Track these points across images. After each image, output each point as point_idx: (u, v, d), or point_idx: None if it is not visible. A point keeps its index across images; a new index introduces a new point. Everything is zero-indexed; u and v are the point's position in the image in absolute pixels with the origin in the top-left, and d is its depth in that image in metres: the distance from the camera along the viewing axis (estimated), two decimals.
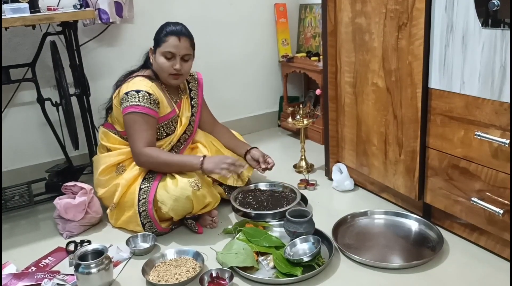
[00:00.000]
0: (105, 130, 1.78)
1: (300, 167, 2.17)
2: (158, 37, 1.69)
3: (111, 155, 1.72)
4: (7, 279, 1.42)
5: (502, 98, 1.26)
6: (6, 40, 2.04)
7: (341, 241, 1.54)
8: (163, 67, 1.68)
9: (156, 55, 1.69)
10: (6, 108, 2.13)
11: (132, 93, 1.63)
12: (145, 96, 1.63)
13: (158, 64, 1.69)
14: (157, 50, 1.68)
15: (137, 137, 1.62)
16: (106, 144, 1.76)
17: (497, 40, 1.23)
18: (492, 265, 1.39)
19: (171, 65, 1.67)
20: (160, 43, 1.67)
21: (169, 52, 1.66)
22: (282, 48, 2.78)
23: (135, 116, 1.62)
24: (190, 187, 1.55)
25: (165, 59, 1.67)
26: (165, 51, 1.66)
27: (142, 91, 1.63)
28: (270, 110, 2.89)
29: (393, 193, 1.79)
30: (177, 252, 1.51)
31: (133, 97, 1.62)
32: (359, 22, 1.69)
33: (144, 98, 1.62)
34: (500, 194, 1.32)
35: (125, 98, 1.63)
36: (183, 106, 1.81)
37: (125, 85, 1.67)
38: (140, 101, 1.62)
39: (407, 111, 1.57)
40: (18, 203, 1.91)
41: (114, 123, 1.76)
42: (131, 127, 1.63)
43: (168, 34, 1.66)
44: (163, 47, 1.66)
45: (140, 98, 1.62)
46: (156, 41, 1.69)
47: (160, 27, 1.70)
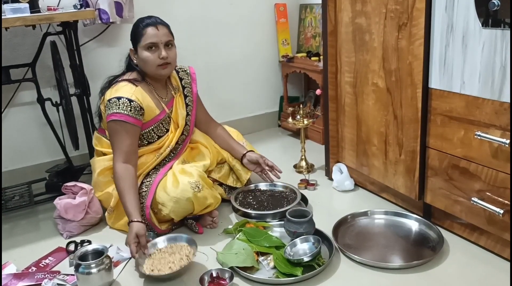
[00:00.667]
0: (98, 136, 1.78)
1: (300, 167, 2.18)
2: (135, 35, 1.65)
3: (105, 159, 1.72)
4: (8, 279, 1.42)
5: (502, 98, 1.26)
6: (6, 40, 2.04)
7: (341, 241, 1.54)
8: (149, 61, 1.63)
9: (138, 53, 1.65)
10: (7, 108, 2.13)
11: (113, 100, 1.60)
12: (125, 103, 1.59)
13: (143, 60, 1.64)
14: (138, 47, 1.64)
15: (115, 149, 1.60)
16: (100, 149, 1.76)
17: (497, 40, 1.23)
18: (492, 265, 1.39)
19: (156, 55, 1.63)
20: (138, 39, 1.63)
21: (150, 43, 1.62)
22: (282, 48, 2.78)
23: (115, 125, 1.60)
24: (191, 189, 1.54)
25: (149, 52, 1.63)
26: (146, 44, 1.62)
27: (123, 98, 1.60)
28: (270, 110, 2.89)
29: (393, 193, 1.79)
30: (168, 239, 1.51)
31: (114, 105, 1.59)
32: (359, 22, 1.69)
33: (124, 105, 1.59)
34: (500, 194, 1.32)
35: (108, 105, 1.62)
36: (175, 105, 1.76)
37: (109, 91, 1.65)
38: (120, 109, 1.59)
39: (407, 111, 1.57)
40: (18, 203, 1.91)
41: (104, 127, 1.75)
42: (112, 136, 1.62)
43: (144, 27, 1.62)
44: (143, 41, 1.62)
45: (120, 106, 1.59)
46: (134, 39, 1.65)
47: (134, 25, 1.67)
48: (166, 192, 1.57)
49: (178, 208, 1.56)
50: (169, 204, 1.56)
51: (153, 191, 1.60)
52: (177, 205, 1.55)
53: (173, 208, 1.56)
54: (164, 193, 1.57)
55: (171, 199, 1.55)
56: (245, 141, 1.99)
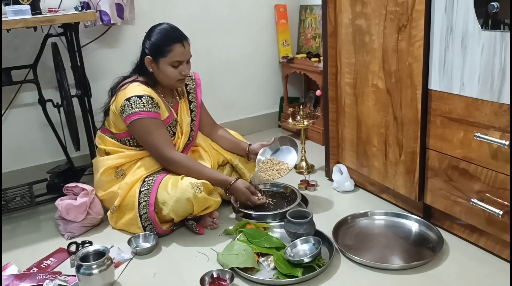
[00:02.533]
0: (101, 135, 1.78)
1: (300, 168, 2.18)
2: (158, 48, 1.63)
3: (110, 158, 1.72)
4: (9, 280, 1.43)
5: (502, 99, 1.26)
6: (8, 42, 2.05)
7: (341, 242, 1.54)
8: (171, 76, 1.66)
9: (160, 65, 1.64)
10: (8, 109, 2.13)
11: (134, 98, 1.60)
12: (149, 100, 1.62)
13: (164, 73, 1.65)
14: (161, 61, 1.64)
15: (159, 141, 1.61)
16: (104, 147, 1.76)
17: (497, 42, 1.24)
18: (491, 266, 1.40)
19: (178, 71, 1.66)
20: (164, 53, 1.62)
21: (177, 61, 1.65)
22: (283, 49, 2.78)
23: (145, 122, 1.60)
24: (191, 190, 1.55)
25: (173, 68, 1.65)
26: (173, 61, 1.64)
27: (144, 96, 1.62)
28: (271, 110, 2.90)
29: (393, 194, 1.79)
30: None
31: (137, 103, 1.60)
32: (359, 23, 1.70)
33: (148, 102, 1.61)
34: (499, 195, 1.32)
35: (127, 104, 1.60)
36: (180, 110, 1.80)
37: (122, 91, 1.64)
38: (145, 107, 1.60)
39: (407, 112, 1.57)
40: (20, 204, 1.92)
41: (110, 127, 1.74)
42: (146, 134, 1.61)
43: (172, 43, 1.62)
44: (169, 57, 1.63)
45: (144, 103, 1.60)
46: (158, 51, 1.63)
47: (156, 34, 1.64)
48: (167, 192, 1.58)
49: (178, 207, 1.57)
50: (169, 204, 1.57)
51: (155, 189, 1.61)
52: (177, 205, 1.56)
53: (173, 207, 1.57)
54: (165, 192, 1.58)
55: (171, 198, 1.56)
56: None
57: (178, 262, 1.51)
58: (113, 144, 1.74)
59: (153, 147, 1.63)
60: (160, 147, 1.62)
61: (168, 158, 1.63)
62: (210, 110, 2.00)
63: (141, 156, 1.71)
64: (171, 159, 1.63)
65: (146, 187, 1.63)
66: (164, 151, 1.62)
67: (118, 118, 1.67)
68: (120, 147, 1.73)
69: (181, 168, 1.64)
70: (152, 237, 1.61)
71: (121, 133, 1.71)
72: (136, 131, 1.64)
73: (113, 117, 1.70)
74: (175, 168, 1.65)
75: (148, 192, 1.62)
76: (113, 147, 1.73)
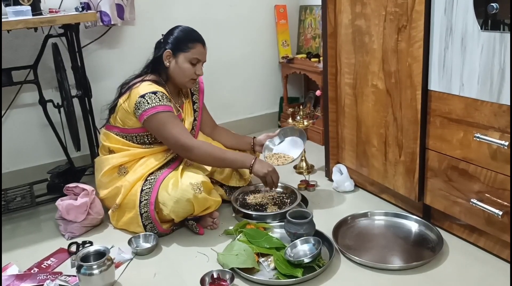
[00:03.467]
0: (107, 132, 1.77)
1: (300, 168, 2.18)
2: (182, 42, 1.69)
3: (114, 157, 1.72)
4: (10, 280, 1.43)
5: (501, 100, 1.27)
6: (8, 42, 2.05)
7: (341, 242, 1.55)
8: (186, 73, 1.71)
9: (178, 60, 1.69)
10: (8, 109, 2.14)
11: (149, 95, 1.63)
12: (163, 95, 1.65)
13: (180, 68, 1.70)
14: (181, 55, 1.69)
15: (177, 132, 1.64)
16: (108, 144, 1.75)
17: (496, 42, 1.24)
18: (491, 266, 1.40)
19: (194, 70, 1.72)
20: (186, 49, 1.68)
21: (196, 59, 1.71)
22: (282, 49, 2.78)
23: (162, 116, 1.62)
24: (191, 190, 1.55)
25: (190, 65, 1.70)
26: (192, 58, 1.70)
27: (158, 91, 1.65)
28: (270, 111, 2.90)
29: (393, 194, 1.80)
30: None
31: (152, 99, 1.62)
32: (359, 24, 1.70)
33: (164, 97, 1.65)
34: (499, 195, 1.33)
35: (142, 101, 1.62)
36: (185, 110, 1.84)
37: (135, 89, 1.65)
38: (161, 101, 1.63)
39: (406, 112, 1.57)
40: (20, 204, 1.92)
41: (116, 124, 1.74)
42: (163, 126, 1.63)
43: (195, 41, 1.71)
44: (191, 53, 1.69)
45: (160, 98, 1.63)
46: (180, 46, 1.69)
47: (181, 31, 1.71)
48: (167, 192, 1.58)
49: (178, 208, 1.57)
50: (169, 204, 1.57)
51: (156, 189, 1.61)
52: (177, 205, 1.57)
53: (173, 208, 1.57)
54: (165, 192, 1.59)
55: (171, 198, 1.57)
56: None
57: (178, 262, 1.52)
58: (118, 141, 1.74)
59: (172, 138, 1.65)
60: (180, 137, 1.64)
61: (189, 145, 1.64)
62: (210, 110, 2.00)
63: (145, 155, 1.72)
64: (192, 146, 1.64)
65: (148, 186, 1.64)
66: (184, 139, 1.64)
67: (129, 115, 1.68)
68: (125, 144, 1.73)
69: (202, 154, 1.66)
70: (152, 237, 1.61)
71: (129, 129, 1.71)
72: (153, 126, 1.65)
73: (123, 114, 1.70)
74: (197, 155, 1.66)
75: (150, 191, 1.62)
76: (118, 144, 1.74)
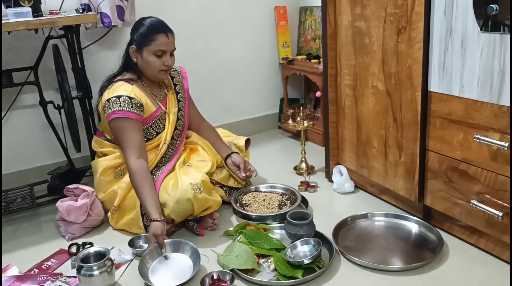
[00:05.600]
0: (97, 138, 1.80)
1: (300, 169, 2.18)
2: (143, 36, 1.66)
3: (107, 159, 1.74)
4: (10, 281, 1.43)
5: (501, 101, 1.27)
6: (9, 44, 2.06)
7: (341, 243, 1.55)
8: (154, 66, 1.68)
9: (143, 54, 1.68)
10: (9, 111, 2.14)
11: (113, 99, 1.63)
12: (126, 100, 1.63)
13: (147, 63, 1.68)
14: (145, 49, 1.67)
15: (125, 146, 1.63)
16: (101, 150, 1.78)
17: (496, 44, 1.24)
18: (491, 267, 1.40)
19: (161, 62, 1.68)
20: (148, 42, 1.66)
21: (160, 50, 1.67)
22: (283, 50, 2.79)
23: (120, 122, 1.62)
24: (192, 190, 1.56)
25: (156, 57, 1.67)
26: (156, 50, 1.66)
27: (122, 96, 1.64)
28: (271, 112, 2.90)
29: (393, 195, 1.80)
30: (172, 243, 1.51)
31: (114, 103, 1.62)
32: (359, 25, 1.70)
33: (125, 102, 1.63)
34: (499, 196, 1.33)
35: (107, 105, 1.64)
36: (169, 102, 1.81)
37: (106, 92, 1.68)
38: (121, 107, 1.62)
39: (406, 113, 1.58)
40: (21, 205, 1.92)
41: (104, 130, 1.77)
42: (119, 134, 1.64)
43: (157, 33, 1.66)
44: (153, 45, 1.66)
45: (121, 103, 1.62)
46: (142, 40, 1.66)
47: (143, 26, 1.67)
48: (167, 192, 1.58)
49: (179, 208, 1.57)
50: (170, 204, 1.57)
51: (157, 190, 1.61)
52: (178, 206, 1.57)
53: (173, 208, 1.57)
54: (165, 193, 1.59)
55: (171, 199, 1.57)
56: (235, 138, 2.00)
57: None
58: (109, 146, 1.77)
59: (121, 147, 1.65)
60: (126, 149, 1.62)
61: (127, 162, 1.61)
62: (210, 111, 2.00)
63: None
64: (128, 165, 1.61)
65: None
66: (127, 154, 1.62)
67: (104, 119, 1.70)
68: (117, 148, 1.75)
69: (130, 175, 1.60)
70: None
71: (112, 138, 1.74)
72: (112, 130, 1.67)
73: (102, 118, 1.73)
74: (129, 173, 1.62)
75: None
76: (110, 148, 1.76)
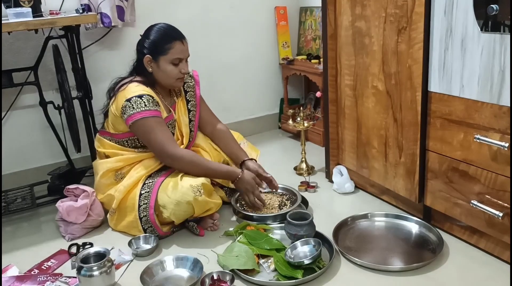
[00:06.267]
0: (100, 137, 1.77)
1: (300, 169, 2.18)
2: (158, 46, 1.63)
3: (109, 161, 1.72)
4: (10, 282, 1.43)
5: (501, 101, 1.27)
6: (9, 44, 2.06)
7: (341, 243, 1.55)
8: (172, 74, 1.66)
9: (160, 64, 1.65)
10: (9, 111, 2.14)
11: (135, 99, 1.60)
12: (150, 99, 1.61)
13: (164, 72, 1.66)
14: (161, 58, 1.64)
15: (162, 140, 1.60)
16: (103, 150, 1.76)
17: (496, 44, 1.24)
18: (491, 268, 1.40)
19: (178, 69, 1.67)
20: (164, 51, 1.63)
21: (177, 59, 1.65)
22: (283, 50, 2.79)
23: (148, 122, 1.59)
24: (192, 193, 1.55)
25: (173, 66, 1.66)
26: (173, 59, 1.64)
27: (144, 95, 1.61)
28: (271, 112, 2.90)
29: (393, 195, 1.80)
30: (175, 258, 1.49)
31: (138, 103, 1.59)
32: (359, 25, 1.70)
33: (149, 101, 1.61)
34: (499, 197, 1.33)
35: (128, 105, 1.60)
36: (178, 109, 1.79)
37: (122, 92, 1.63)
38: (147, 106, 1.60)
39: (407, 114, 1.57)
40: (21, 205, 1.92)
41: (108, 128, 1.74)
42: (149, 133, 1.61)
43: (172, 40, 1.63)
44: (170, 54, 1.63)
45: (146, 103, 1.60)
46: (157, 49, 1.64)
47: (155, 33, 1.65)
48: (167, 195, 1.58)
49: (179, 210, 1.57)
50: (169, 207, 1.57)
51: (155, 192, 1.61)
52: (178, 208, 1.56)
53: (173, 210, 1.57)
54: (165, 195, 1.58)
55: (171, 201, 1.56)
56: (245, 142, 1.99)
57: None
58: (112, 146, 1.73)
59: (156, 145, 1.62)
60: (164, 145, 1.61)
61: (173, 154, 1.61)
62: None
63: (140, 159, 1.71)
64: (175, 156, 1.61)
65: (147, 190, 1.64)
66: (168, 148, 1.61)
67: (117, 119, 1.67)
68: (119, 149, 1.73)
69: (186, 164, 1.62)
70: (152, 239, 1.61)
71: (119, 134, 1.71)
72: (138, 131, 1.63)
73: (112, 118, 1.69)
74: (180, 165, 1.63)
75: (148, 195, 1.62)
76: (112, 149, 1.73)
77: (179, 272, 1.46)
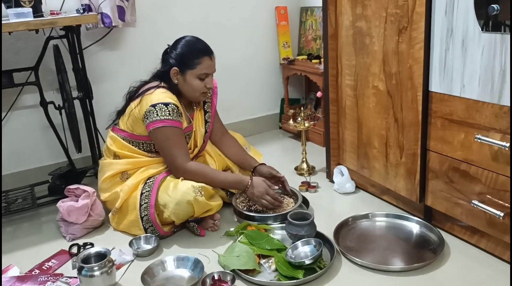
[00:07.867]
0: (114, 135, 1.75)
1: (301, 169, 2.18)
2: (188, 59, 1.64)
3: (119, 163, 1.71)
4: (11, 282, 1.43)
5: (502, 101, 1.27)
6: (9, 44, 2.06)
7: (342, 243, 1.55)
8: (197, 88, 1.67)
9: (186, 77, 1.65)
10: (10, 111, 2.14)
11: (160, 105, 1.59)
12: (174, 109, 1.61)
13: (190, 85, 1.66)
14: (188, 72, 1.65)
15: (176, 152, 1.62)
16: (115, 149, 1.73)
17: (497, 44, 1.24)
18: (492, 268, 1.40)
19: (204, 84, 1.67)
20: (193, 65, 1.64)
21: (204, 74, 1.66)
22: (283, 50, 2.79)
23: (168, 131, 1.60)
24: (192, 192, 1.55)
25: (199, 80, 1.66)
26: (201, 74, 1.65)
27: (170, 104, 1.61)
28: (271, 112, 2.90)
29: (394, 195, 1.80)
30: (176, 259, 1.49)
31: (162, 111, 1.59)
32: (360, 25, 1.70)
33: (174, 111, 1.61)
34: (500, 197, 1.33)
35: (152, 111, 1.59)
36: (196, 120, 1.80)
37: (148, 96, 1.63)
38: (170, 115, 1.59)
39: (407, 114, 1.57)
40: (21, 206, 1.92)
41: (125, 127, 1.72)
42: (166, 142, 1.62)
43: (201, 55, 1.64)
44: (198, 69, 1.64)
45: (170, 112, 1.60)
46: (186, 62, 1.64)
47: (185, 46, 1.65)
48: (168, 194, 1.58)
49: (179, 210, 1.57)
50: (170, 206, 1.57)
51: (155, 190, 1.61)
52: (178, 208, 1.57)
53: (174, 210, 1.57)
54: (166, 195, 1.59)
55: (172, 200, 1.57)
56: (249, 147, 1.99)
57: None
58: (125, 146, 1.72)
59: (169, 156, 1.64)
60: (177, 158, 1.62)
61: (183, 169, 1.62)
62: None
63: (149, 164, 1.71)
64: (185, 171, 1.62)
65: (147, 189, 1.64)
66: (179, 162, 1.62)
67: (138, 122, 1.66)
68: (131, 151, 1.71)
69: (193, 177, 1.63)
70: (153, 239, 1.61)
71: (136, 135, 1.70)
72: (157, 138, 1.63)
73: (133, 120, 1.68)
74: (187, 178, 1.63)
75: (149, 194, 1.62)
76: (124, 150, 1.72)
77: (180, 272, 1.46)
